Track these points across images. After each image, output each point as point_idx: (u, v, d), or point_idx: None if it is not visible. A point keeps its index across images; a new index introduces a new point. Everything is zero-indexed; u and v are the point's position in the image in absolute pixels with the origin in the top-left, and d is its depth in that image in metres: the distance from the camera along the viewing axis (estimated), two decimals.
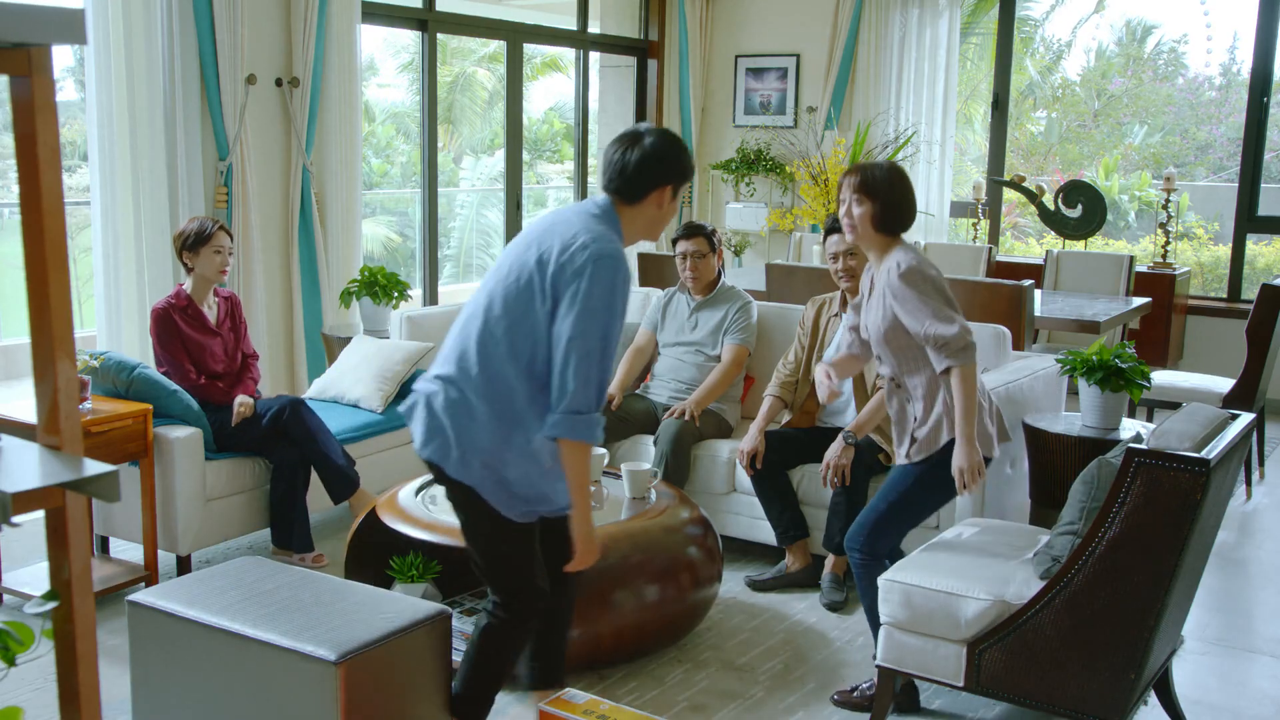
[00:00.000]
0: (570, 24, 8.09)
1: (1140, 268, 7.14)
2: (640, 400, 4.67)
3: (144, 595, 2.77)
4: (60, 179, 1.48)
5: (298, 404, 4.24)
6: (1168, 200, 7.44)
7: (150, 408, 3.90)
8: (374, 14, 6.38)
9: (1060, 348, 6.00)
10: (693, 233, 4.65)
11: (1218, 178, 11.56)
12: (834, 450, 3.96)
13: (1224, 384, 5.50)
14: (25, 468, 1.48)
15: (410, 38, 8.47)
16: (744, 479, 4.26)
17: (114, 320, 5.11)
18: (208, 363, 4.30)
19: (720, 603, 3.95)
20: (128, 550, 4.29)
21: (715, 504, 4.36)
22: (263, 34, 5.56)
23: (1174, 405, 5.26)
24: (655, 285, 5.93)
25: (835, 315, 4.29)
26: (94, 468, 1.48)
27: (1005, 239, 10.47)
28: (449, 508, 3.66)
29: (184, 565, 4.06)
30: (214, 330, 4.34)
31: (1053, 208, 7.68)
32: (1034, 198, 7.77)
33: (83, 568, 1.51)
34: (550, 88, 13.12)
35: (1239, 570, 4.57)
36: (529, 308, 2.56)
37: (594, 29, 8.25)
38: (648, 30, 8.51)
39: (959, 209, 8.33)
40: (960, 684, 2.97)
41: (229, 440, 4.18)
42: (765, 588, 4.12)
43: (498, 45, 8.83)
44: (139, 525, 3.94)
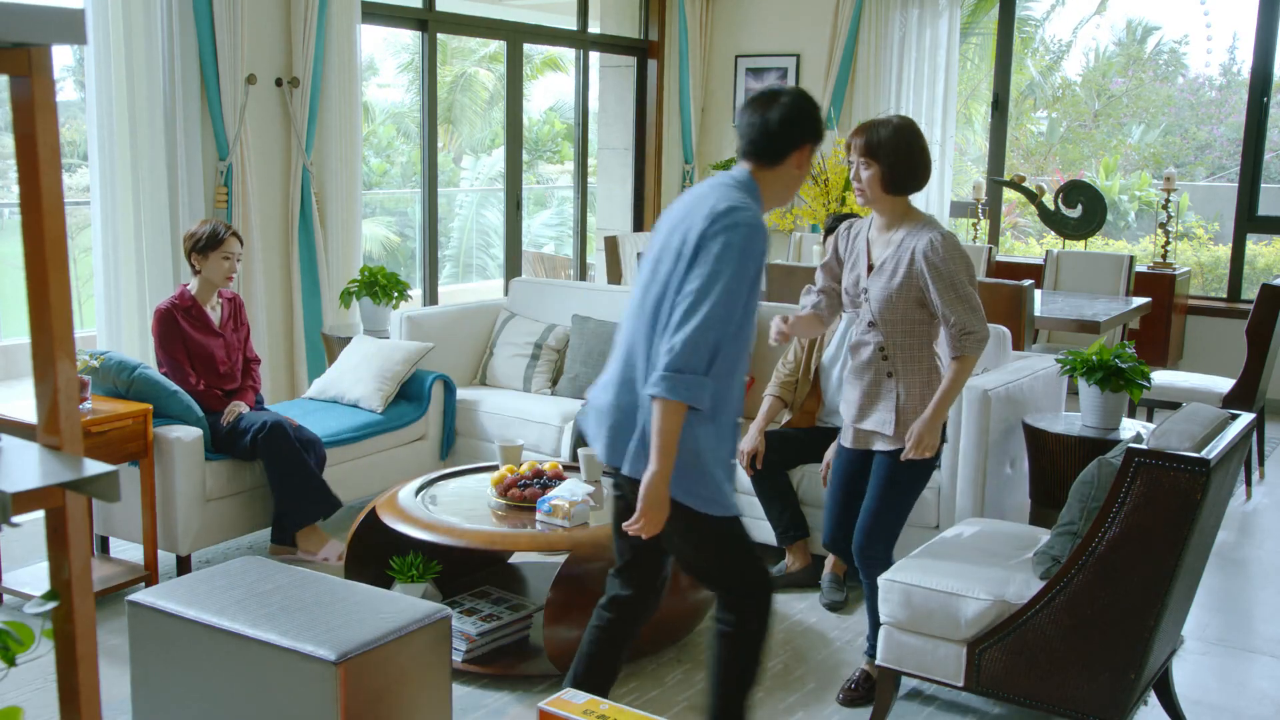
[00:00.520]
0: (570, 24, 8.09)
1: (1140, 268, 7.15)
2: None
3: (144, 595, 2.77)
4: (60, 179, 1.48)
5: (277, 428, 4.12)
6: (1168, 200, 7.44)
7: (150, 408, 3.90)
8: (374, 14, 6.38)
9: (1060, 348, 6.00)
10: None
11: (1218, 178, 11.56)
12: (833, 451, 3.95)
13: (1224, 384, 5.50)
14: (25, 468, 1.47)
15: (410, 38, 8.47)
16: (744, 479, 4.26)
17: (114, 320, 5.11)
18: (209, 365, 4.29)
19: None
20: (128, 550, 4.29)
21: None
22: (263, 34, 5.55)
23: (1174, 405, 5.26)
24: None
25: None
26: (94, 468, 1.48)
27: (1005, 239, 10.48)
28: (449, 508, 3.68)
29: (184, 565, 4.06)
30: (217, 332, 4.33)
31: (1053, 208, 7.68)
32: (1034, 198, 7.77)
33: (83, 568, 1.51)
34: (550, 87, 13.12)
35: (1239, 570, 4.57)
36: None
37: (594, 29, 8.25)
38: (648, 30, 8.51)
39: (959, 209, 8.33)
40: (960, 684, 2.97)
41: (222, 444, 4.17)
42: None
43: (498, 45, 8.83)
44: (139, 525, 3.94)
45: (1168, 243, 7.38)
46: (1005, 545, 3.22)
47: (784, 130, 2.56)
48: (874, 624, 3.25)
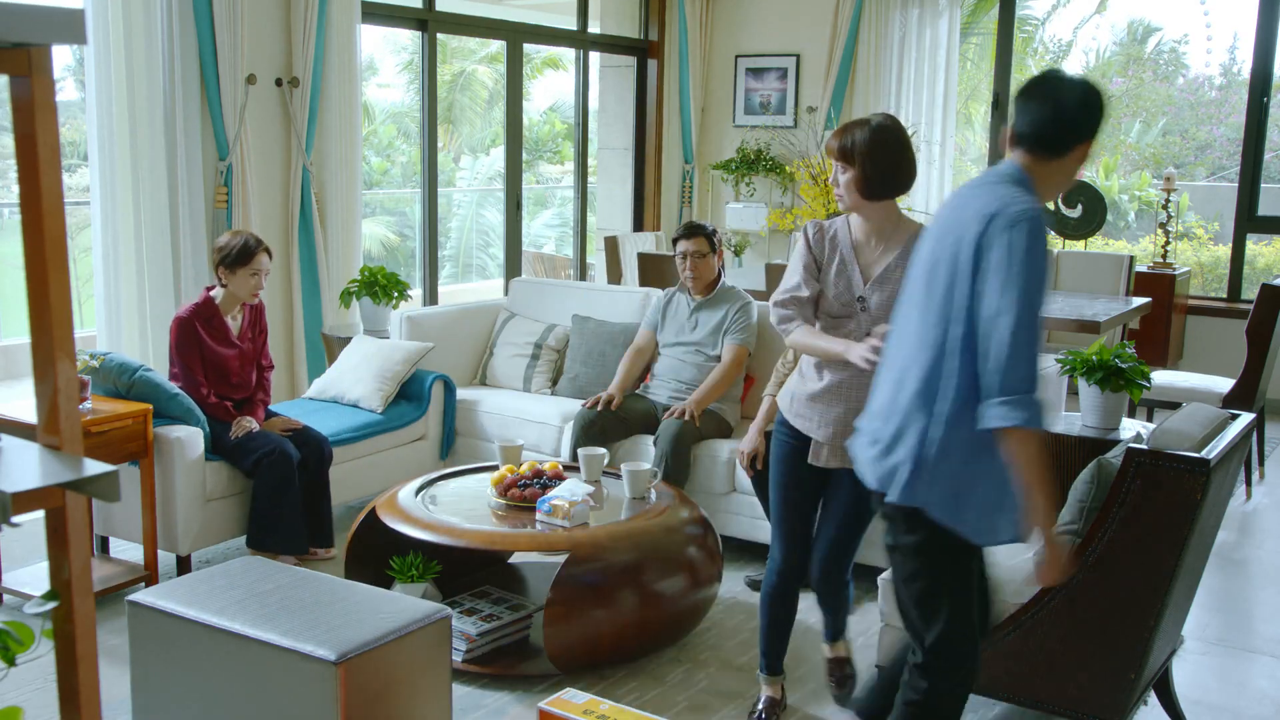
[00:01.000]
0: (570, 24, 8.09)
1: (1140, 268, 7.14)
2: (640, 400, 4.67)
3: (144, 595, 2.77)
4: (60, 179, 1.48)
5: (283, 460, 4.07)
6: (1168, 200, 7.44)
7: (150, 407, 3.90)
8: (374, 14, 6.38)
9: (1060, 347, 5.99)
10: (693, 232, 4.65)
11: (1217, 178, 11.56)
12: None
13: (1224, 384, 5.50)
14: (25, 468, 1.47)
15: (410, 37, 8.47)
16: (744, 479, 4.26)
17: (114, 320, 5.11)
18: (222, 375, 4.24)
19: (720, 603, 3.95)
20: (128, 550, 4.29)
21: (715, 504, 4.36)
22: (263, 34, 5.55)
23: (1174, 405, 5.26)
24: (655, 285, 5.93)
25: None
26: (94, 468, 1.48)
27: None
28: (449, 508, 3.68)
29: (184, 565, 4.06)
30: (235, 343, 4.29)
31: (1053, 207, 7.67)
32: None
33: (83, 568, 1.50)
34: (550, 87, 13.12)
35: (1239, 570, 4.57)
36: (949, 301, 2.31)
37: (594, 29, 8.25)
38: (648, 30, 8.51)
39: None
40: None
41: (223, 453, 4.15)
42: None
43: (498, 45, 8.83)
44: (139, 525, 3.94)
45: (1168, 243, 7.38)
46: (1005, 545, 3.22)
47: (1077, 118, 2.33)
48: (834, 610, 3.31)
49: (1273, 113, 7.33)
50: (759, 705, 3.22)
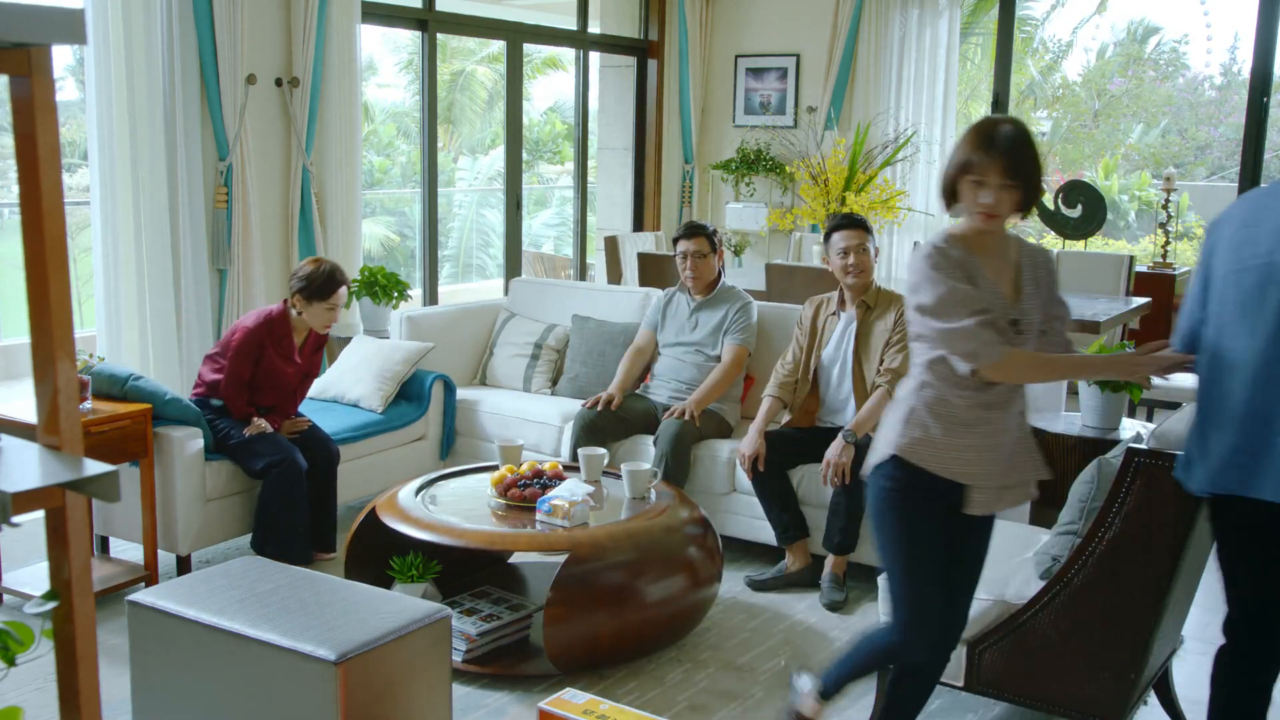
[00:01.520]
0: (570, 24, 8.09)
1: (1140, 268, 7.14)
2: (640, 400, 4.67)
3: (144, 595, 2.77)
4: (60, 179, 1.48)
5: (292, 470, 4.04)
6: (1167, 200, 7.44)
7: (150, 407, 3.90)
8: (374, 14, 6.38)
9: None
10: (694, 232, 4.65)
11: (1217, 178, 11.57)
12: (835, 449, 3.96)
13: None
14: (25, 468, 1.47)
15: (410, 37, 8.47)
16: (744, 479, 4.26)
17: (114, 320, 5.11)
18: (270, 389, 4.19)
19: (720, 603, 3.95)
20: (128, 550, 4.29)
21: (715, 504, 4.36)
22: (263, 34, 5.55)
23: (1174, 405, 5.26)
24: (655, 285, 5.93)
25: (833, 314, 4.29)
26: (94, 468, 1.48)
27: None
28: (449, 508, 3.68)
29: (184, 565, 4.06)
30: (295, 360, 4.24)
31: (1053, 208, 7.68)
32: None
33: (83, 568, 1.50)
34: (550, 87, 13.12)
35: None
36: None
37: (594, 29, 8.25)
38: (648, 30, 8.51)
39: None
40: (960, 684, 2.97)
41: (226, 450, 4.12)
42: (765, 588, 4.12)
43: (498, 45, 8.83)
44: (139, 525, 3.93)
45: (1167, 243, 7.38)
46: (1005, 545, 3.22)
47: None
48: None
49: (1273, 113, 7.33)
50: None
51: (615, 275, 7.31)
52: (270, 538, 4.07)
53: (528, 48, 8.14)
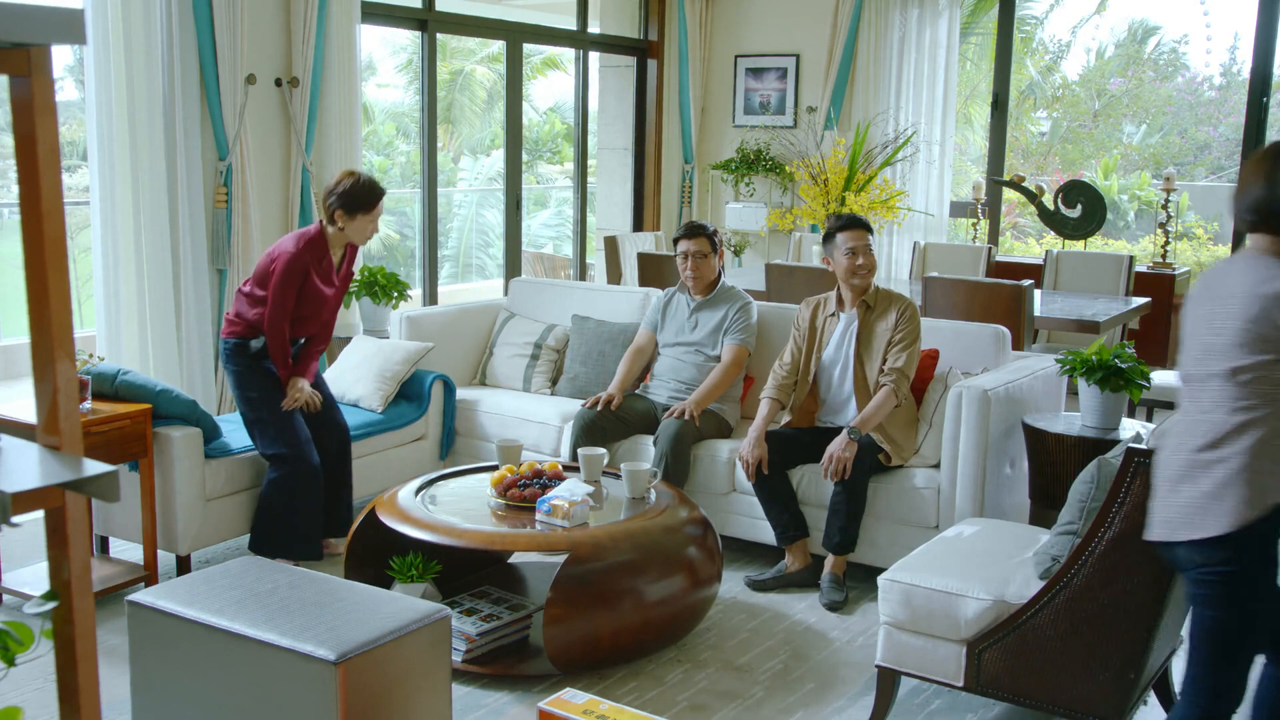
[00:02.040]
0: (570, 24, 8.09)
1: (1140, 268, 7.14)
2: (640, 400, 4.67)
3: (144, 595, 2.77)
4: (60, 179, 1.48)
5: (304, 469, 4.04)
6: (1167, 200, 7.44)
7: (150, 407, 3.90)
8: (374, 14, 6.38)
9: (1060, 348, 6.00)
10: (694, 232, 4.65)
11: (1217, 178, 11.57)
12: (839, 443, 3.97)
13: None
14: (25, 468, 1.47)
15: (410, 37, 8.47)
16: (743, 479, 4.26)
17: (114, 320, 5.11)
18: (314, 315, 4.13)
19: (720, 603, 3.95)
20: (128, 550, 4.29)
21: (715, 504, 4.36)
22: (263, 34, 5.55)
23: (1174, 405, 5.26)
24: (655, 285, 5.93)
25: (832, 315, 4.29)
26: (94, 468, 1.48)
27: (1005, 239, 10.49)
28: (449, 508, 3.68)
29: (184, 565, 4.06)
30: (334, 282, 4.19)
31: (1052, 208, 7.68)
32: (1034, 198, 7.77)
33: (82, 568, 1.51)
34: (550, 87, 13.12)
35: None
36: None
37: (594, 29, 8.26)
38: (648, 30, 8.51)
39: (959, 209, 8.33)
40: (960, 684, 2.98)
41: (247, 417, 4.08)
42: (765, 588, 4.12)
43: (498, 45, 8.83)
44: (139, 525, 3.94)
45: (1167, 243, 7.38)
46: (1005, 545, 3.22)
47: None
48: None
49: (1273, 113, 7.33)
50: None
51: (615, 275, 7.31)
52: (269, 537, 4.06)
53: (527, 48, 8.14)
